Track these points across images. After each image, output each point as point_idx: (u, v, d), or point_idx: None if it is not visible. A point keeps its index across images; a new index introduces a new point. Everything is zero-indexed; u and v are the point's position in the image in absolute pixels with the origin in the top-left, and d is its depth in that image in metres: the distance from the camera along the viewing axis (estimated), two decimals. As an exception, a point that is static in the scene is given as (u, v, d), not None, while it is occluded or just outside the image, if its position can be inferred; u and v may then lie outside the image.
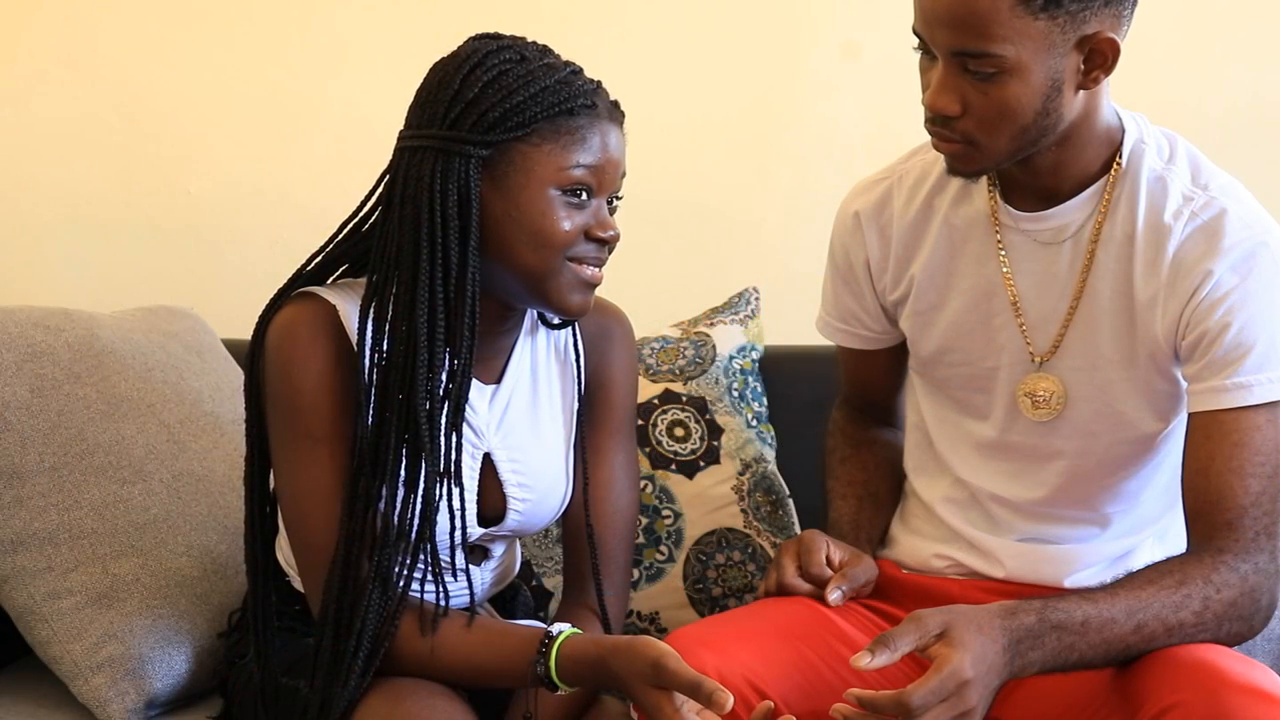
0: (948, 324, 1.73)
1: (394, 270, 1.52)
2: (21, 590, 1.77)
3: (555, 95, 1.51)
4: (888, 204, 1.77)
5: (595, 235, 1.55)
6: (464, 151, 1.50)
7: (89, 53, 2.58)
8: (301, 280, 1.61)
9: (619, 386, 1.72)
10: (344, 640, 1.51)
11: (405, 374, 1.51)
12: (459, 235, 1.51)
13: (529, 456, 1.66)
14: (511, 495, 1.65)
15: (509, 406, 1.65)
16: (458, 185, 1.50)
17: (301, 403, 1.54)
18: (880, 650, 1.43)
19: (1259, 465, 1.55)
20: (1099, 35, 1.51)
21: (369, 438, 1.52)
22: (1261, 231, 1.58)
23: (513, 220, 1.52)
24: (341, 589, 1.52)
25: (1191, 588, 1.52)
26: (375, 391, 1.53)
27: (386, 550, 1.53)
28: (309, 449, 1.54)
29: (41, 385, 1.81)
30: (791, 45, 2.54)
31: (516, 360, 1.66)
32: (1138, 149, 1.63)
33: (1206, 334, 1.57)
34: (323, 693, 1.51)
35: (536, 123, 1.50)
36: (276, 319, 1.57)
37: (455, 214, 1.50)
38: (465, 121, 1.50)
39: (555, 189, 1.52)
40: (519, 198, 1.51)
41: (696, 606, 2.06)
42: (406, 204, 1.52)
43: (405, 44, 2.50)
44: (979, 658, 1.44)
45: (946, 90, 1.54)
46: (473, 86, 1.51)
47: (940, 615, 1.47)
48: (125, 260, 2.60)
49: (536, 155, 1.51)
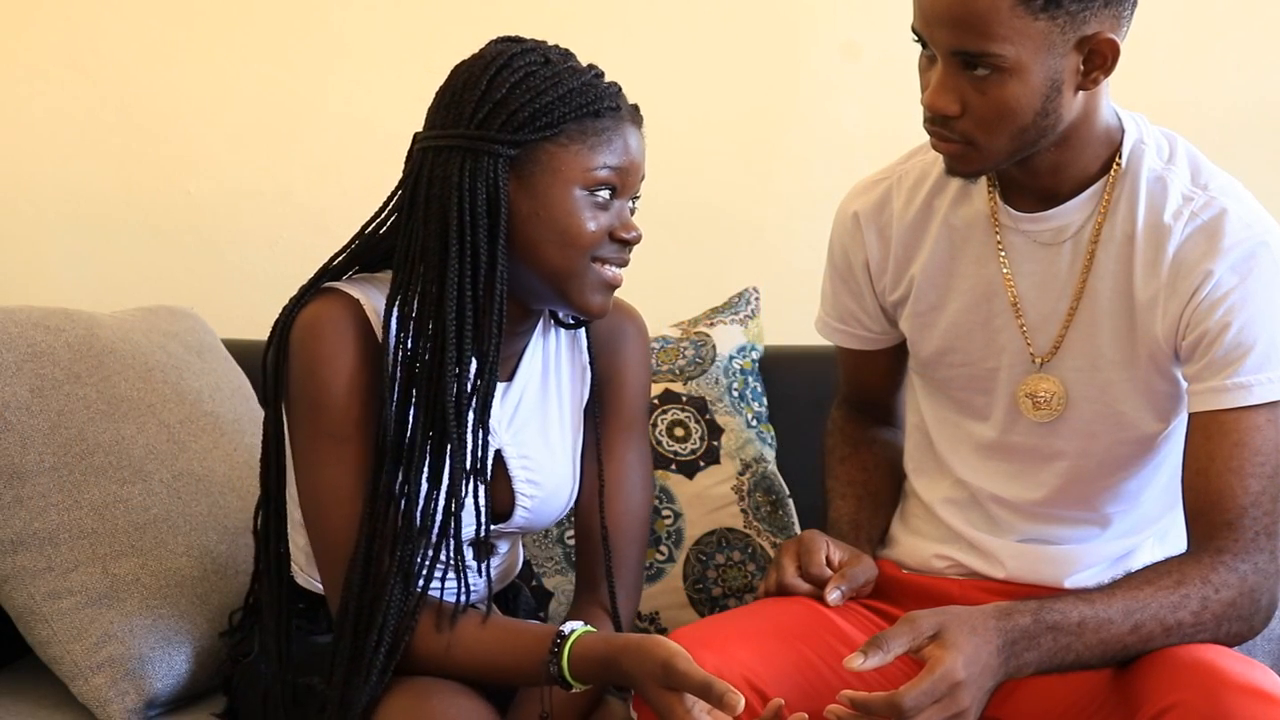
0: (948, 325, 1.73)
1: (420, 267, 1.53)
2: (21, 590, 1.77)
3: (582, 97, 1.53)
4: (887, 205, 1.77)
5: (619, 236, 1.56)
6: (492, 151, 1.51)
7: (89, 53, 2.58)
8: (326, 277, 1.62)
9: (631, 385, 1.73)
10: (364, 637, 1.51)
11: (434, 371, 1.52)
12: (488, 234, 1.52)
13: (538, 454, 1.67)
14: (520, 492, 1.65)
15: (520, 404, 1.66)
16: (486, 184, 1.51)
17: (327, 400, 1.54)
18: (873, 652, 1.44)
19: (1259, 465, 1.54)
20: (1099, 36, 1.51)
21: (393, 434, 1.53)
22: (1262, 231, 1.58)
23: (539, 220, 1.53)
24: (362, 586, 1.52)
25: (1190, 588, 1.52)
26: (400, 387, 1.53)
27: (409, 545, 1.53)
28: (333, 447, 1.55)
29: (41, 385, 1.81)
30: (792, 45, 2.54)
31: (529, 359, 1.67)
32: (1137, 149, 1.62)
33: (1206, 334, 1.57)
34: (342, 690, 1.51)
35: (564, 123, 1.52)
36: (302, 315, 1.57)
37: (484, 212, 1.51)
38: (494, 121, 1.51)
39: (581, 189, 1.53)
40: (546, 197, 1.52)
41: (696, 606, 2.06)
42: (433, 203, 1.52)
43: (405, 44, 2.51)
44: (972, 659, 1.44)
45: (946, 90, 1.54)
46: (500, 87, 1.52)
47: (934, 616, 1.47)
48: (125, 260, 2.60)
49: (564, 155, 1.52)
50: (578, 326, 1.71)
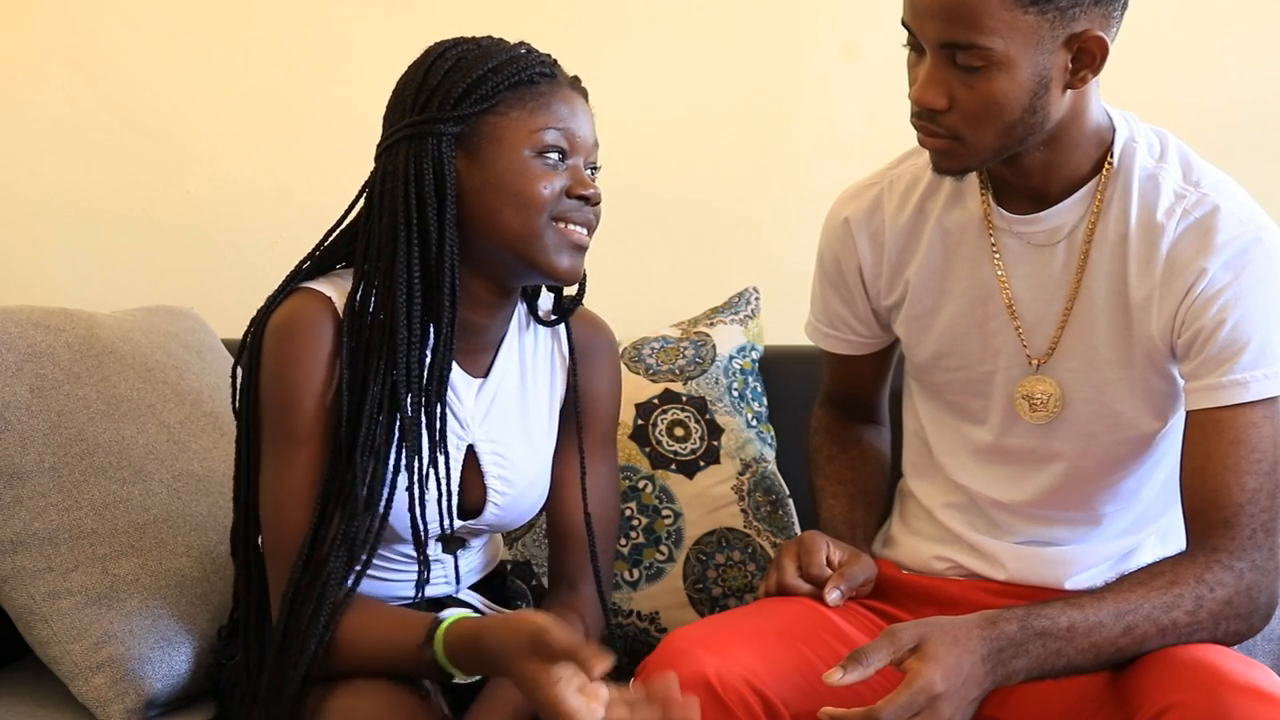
0: (943, 328, 1.73)
1: (376, 259, 1.55)
2: (21, 590, 1.76)
3: (514, 66, 1.57)
4: (878, 209, 1.77)
5: (575, 193, 1.58)
6: (435, 131, 1.55)
7: (89, 52, 2.58)
8: (298, 280, 1.62)
9: (602, 401, 1.75)
10: (301, 608, 1.51)
11: (385, 352, 1.53)
12: (436, 209, 1.55)
13: (513, 451, 1.68)
14: (492, 488, 1.66)
15: (495, 401, 1.67)
16: (432, 162, 1.55)
17: (292, 403, 1.56)
18: (852, 667, 1.43)
19: (1255, 462, 1.54)
20: (1088, 34, 1.51)
21: (349, 413, 1.53)
22: (1255, 227, 1.58)
23: (491, 187, 1.56)
24: (306, 562, 1.52)
25: (1184, 588, 1.51)
26: (359, 372, 1.54)
27: (354, 522, 1.53)
28: (296, 448, 1.56)
29: (41, 385, 1.81)
30: (791, 45, 2.54)
31: (504, 357, 1.68)
32: (1129, 148, 1.62)
33: (1201, 331, 1.56)
34: (275, 670, 1.51)
35: (500, 93, 1.56)
36: (274, 317, 1.59)
37: (431, 191, 1.55)
38: (432, 104, 1.56)
39: (529, 150, 1.56)
40: (495, 164, 1.56)
41: (696, 606, 2.06)
42: (385, 196, 1.56)
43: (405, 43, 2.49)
44: (952, 670, 1.43)
45: (933, 84, 1.54)
46: (435, 75, 1.57)
47: (915, 629, 1.46)
48: (125, 260, 2.60)
49: (505, 123, 1.56)
50: (555, 324, 1.73)
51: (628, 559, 2.06)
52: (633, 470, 2.08)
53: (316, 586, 1.52)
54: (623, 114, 1.70)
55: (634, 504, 2.07)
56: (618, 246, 1.68)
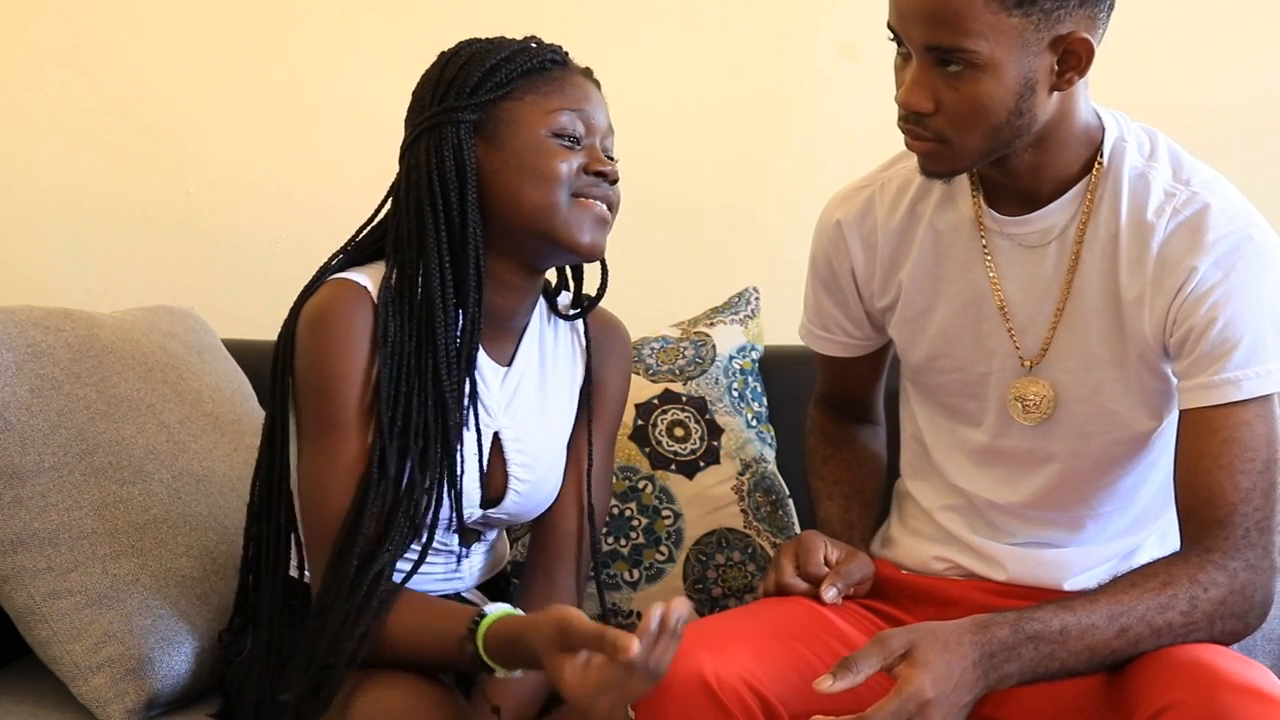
0: (937, 330, 1.73)
1: (407, 248, 1.60)
2: (21, 590, 1.77)
3: (526, 55, 1.63)
4: (870, 212, 1.77)
5: (593, 169, 1.62)
6: (453, 120, 1.60)
7: (89, 51, 2.59)
8: (329, 274, 1.65)
9: (611, 395, 1.79)
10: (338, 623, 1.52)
11: (427, 332, 1.58)
12: (458, 193, 1.59)
13: (533, 439, 1.70)
14: (514, 475, 1.69)
15: (518, 389, 1.70)
16: (453, 150, 1.60)
17: (332, 389, 1.58)
18: (842, 674, 1.42)
19: (1248, 461, 1.54)
20: (1073, 35, 1.51)
21: (389, 400, 1.56)
22: (1245, 225, 1.57)
23: (512, 168, 1.60)
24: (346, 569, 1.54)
25: (1177, 588, 1.51)
26: (395, 359, 1.57)
27: (413, 505, 1.56)
28: (335, 437, 1.57)
29: (41, 385, 1.81)
30: (792, 45, 2.54)
31: (526, 346, 1.71)
32: (1118, 147, 1.62)
33: (1193, 330, 1.56)
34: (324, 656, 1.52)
35: (514, 80, 1.61)
36: (307, 307, 1.61)
37: (454, 176, 1.59)
38: (449, 95, 1.61)
39: (545, 130, 1.60)
40: (514, 146, 1.60)
41: (696, 607, 2.06)
42: (411, 189, 1.61)
43: (405, 43, 2.50)
44: (943, 676, 1.42)
45: (920, 87, 1.54)
46: (451, 70, 1.63)
47: (905, 635, 1.46)
48: (125, 260, 2.60)
49: (521, 108, 1.61)
50: (576, 318, 1.76)
51: (628, 559, 2.06)
52: (633, 470, 2.08)
53: (368, 574, 1.53)
54: (623, 114, 1.70)
55: (634, 504, 2.07)
56: (618, 246, 1.68)
